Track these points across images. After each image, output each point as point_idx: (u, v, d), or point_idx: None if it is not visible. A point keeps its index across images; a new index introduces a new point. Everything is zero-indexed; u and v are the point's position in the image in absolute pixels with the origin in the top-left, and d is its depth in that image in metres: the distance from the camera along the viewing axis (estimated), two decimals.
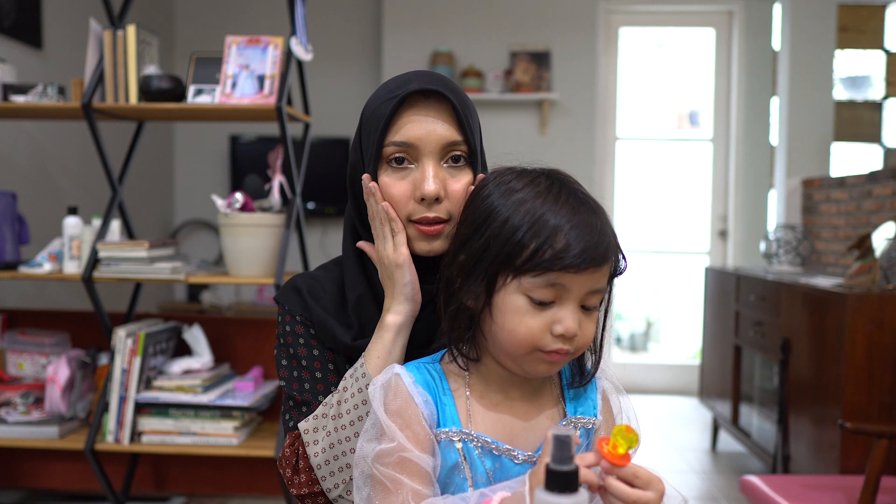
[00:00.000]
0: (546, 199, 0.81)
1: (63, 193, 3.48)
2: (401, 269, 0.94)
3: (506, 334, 0.82)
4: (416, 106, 0.94)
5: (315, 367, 1.01)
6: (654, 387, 4.69)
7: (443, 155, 0.94)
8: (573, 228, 0.79)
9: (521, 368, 0.84)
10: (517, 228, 0.80)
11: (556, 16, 4.50)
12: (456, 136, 0.94)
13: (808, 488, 1.96)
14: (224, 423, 2.27)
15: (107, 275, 2.25)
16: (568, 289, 0.80)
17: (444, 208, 0.94)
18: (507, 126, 4.49)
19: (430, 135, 0.93)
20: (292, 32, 2.33)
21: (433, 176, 0.93)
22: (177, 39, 4.71)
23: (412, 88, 0.93)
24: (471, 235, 0.85)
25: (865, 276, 2.40)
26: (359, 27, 4.70)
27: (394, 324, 0.94)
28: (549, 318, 0.80)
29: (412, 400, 0.84)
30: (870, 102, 4.79)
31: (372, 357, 0.94)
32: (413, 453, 0.81)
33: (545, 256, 0.78)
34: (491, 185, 0.87)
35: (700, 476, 3.25)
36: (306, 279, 1.05)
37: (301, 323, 1.01)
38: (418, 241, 0.96)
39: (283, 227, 2.29)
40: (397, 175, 0.95)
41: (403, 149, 0.94)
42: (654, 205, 4.98)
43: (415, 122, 0.93)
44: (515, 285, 0.81)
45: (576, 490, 0.64)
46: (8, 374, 2.51)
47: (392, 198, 0.95)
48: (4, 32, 3.03)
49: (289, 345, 1.01)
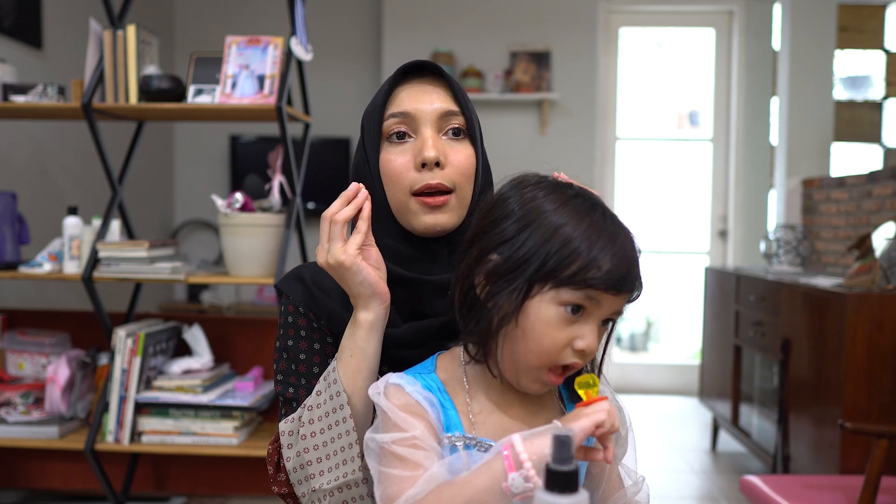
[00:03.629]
0: (592, 217, 0.81)
1: (63, 193, 3.48)
2: (348, 271, 0.89)
3: (530, 342, 0.81)
4: (412, 83, 0.97)
5: (314, 362, 0.98)
6: (654, 387, 4.69)
7: (441, 126, 0.95)
8: (617, 251, 0.80)
9: (518, 381, 0.84)
10: (570, 240, 0.79)
11: (556, 16, 4.50)
12: (453, 106, 0.96)
13: (808, 488, 1.96)
14: (224, 423, 2.27)
15: (107, 275, 2.25)
16: (599, 306, 0.80)
17: (447, 176, 0.93)
18: (507, 126, 4.49)
19: (427, 104, 0.95)
20: (292, 32, 2.33)
21: (432, 141, 0.93)
22: (177, 39, 4.71)
23: (408, 65, 0.97)
24: (514, 235, 0.81)
25: (865, 276, 2.40)
26: (359, 27, 4.70)
27: (366, 321, 0.91)
28: (573, 333, 0.81)
29: (419, 404, 0.83)
30: (870, 102, 4.80)
31: (344, 356, 0.91)
32: (430, 442, 0.81)
33: (593, 274, 0.78)
34: (535, 189, 0.84)
35: (700, 476, 3.25)
36: (312, 269, 1.01)
37: (304, 315, 0.98)
38: (422, 214, 0.94)
39: (283, 227, 2.29)
40: (397, 150, 0.95)
41: (402, 120, 0.95)
42: (654, 205, 4.98)
43: (412, 94, 0.96)
44: (552, 295, 0.80)
45: (576, 490, 0.64)
46: (8, 374, 2.51)
47: (393, 171, 0.94)
48: (4, 32, 3.03)
49: (289, 336, 0.99)
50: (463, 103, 0.96)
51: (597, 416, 0.76)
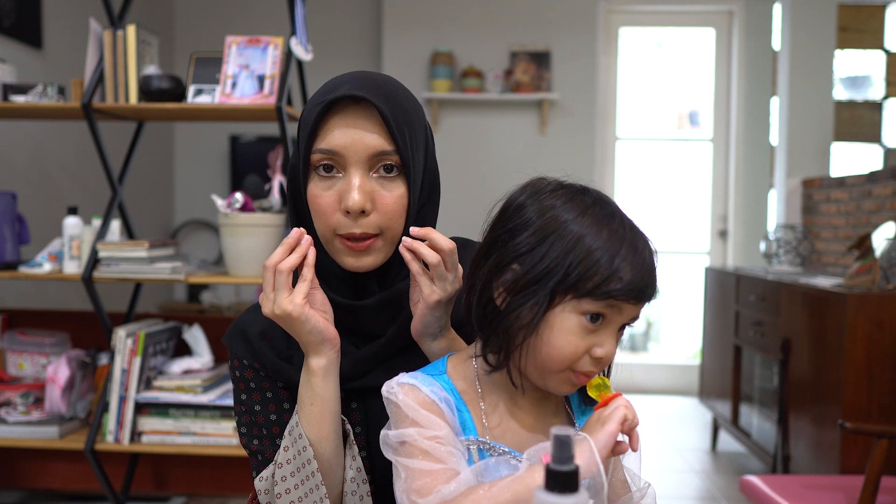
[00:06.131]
0: (612, 226, 0.81)
1: (63, 193, 3.48)
2: (296, 321, 0.88)
3: (552, 351, 0.80)
4: (344, 111, 0.89)
5: (270, 411, 0.97)
6: (654, 387, 4.69)
7: (372, 165, 0.89)
8: (637, 261, 0.80)
9: (546, 384, 0.84)
10: (592, 251, 0.78)
11: (556, 16, 4.50)
12: (386, 145, 0.88)
13: (808, 488, 1.96)
14: (224, 423, 2.27)
15: (107, 275, 2.25)
16: (620, 313, 0.81)
17: (373, 223, 0.89)
18: (507, 126, 4.49)
19: (356, 143, 0.88)
20: (292, 32, 2.33)
21: (358, 187, 0.88)
22: (177, 39, 4.71)
23: (339, 94, 0.88)
24: (535, 246, 0.80)
25: (865, 276, 2.40)
26: (359, 27, 4.70)
27: (319, 367, 0.90)
28: (592, 341, 0.81)
29: (435, 404, 0.83)
30: (870, 102, 4.79)
31: (304, 405, 0.90)
32: (454, 441, 0.81)
33: (614, 285, 0.78)
34: (552, 196, 0.83)
35: (700, 476, 3.25)
36: (253, 317, 0.99)
37: (249, 367, 0.97)
38: (346, 255, 0.91)
39: (283, 227, 2.29)
40: (324, 184, 0.90)
41: (329, 157, 0.89)
42: (654, 205, 4.97)
43: (342, 129, 0.88)
44: (573, 305, 0.79)
45: (576, 490, 0.64)
46: (8, 374, 2.51)
47: (319, 208, 0.90)
48: (4, 32, 3.03)
49: (241, 390, 0.98)
50: (399, 137, 0.88)
51: (618, 414, 0.78)
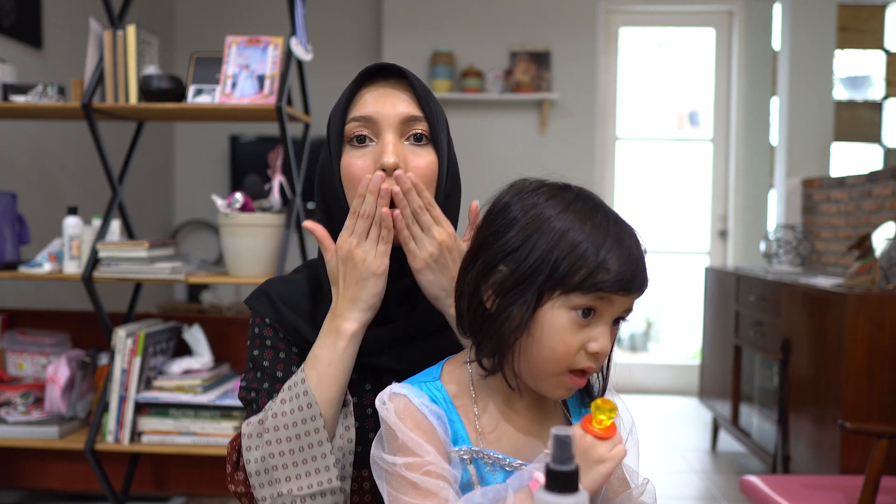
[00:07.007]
0: (595, 219, 0.80)
1: (63, 193, 3.48)
2: (377, 279, 0.91)
3: (544, 350, 0.80)
4: (376, 84, 0.96)
5: (277, 369, 0.99)
6: (654, 387, 4.69)
7: (403, 131, 0.94)
8: (623, 252, 0.79)
9: (540, 388, 0.83)
10: (577, 245, 0.78)
11: (556, 16, 4.50)
12: (416, 111, 0.94)
13: (808, 488, 1.96)
14: (224, 423, 2.27)
15: (107, 275, 2.25)
16: (611, 305, 0.80)
17: None
18: (507, 126, 4.49)
19: (388, 108, 0.93)
20: (292, 32, 2.33)
21: (393, 147, 0.92)
22: (177, 39, 4.71)
23: (372, 67, 0.96)
24: (520, 244, 0.80)
25: (865, 276, 2.40)
26: (359, 27, 4.70)
27: (348, 332, 0.92)
28: (585, 336, 0.80)
29: (426, 420, 0.82)
30: (870, 102, 4.79)
31: (321, 364, 0.91)
32: (443, 467, 0.80)
33: (602, 277, 0.77)
34: (534, 195, 0.83)
35: (700, 476, 3.25)
36: (278, 283, 1.02)
37: (270, 325, 1.00)
38: None
39: (283, 227, 2.29)
40: (358, 153, 0.94)
41: (363, 123, 0.93)
42: (654, 205, 4.98)
43: (375, 97, 0.94)
44: (562, 301, 0.79)
45: (576, 490, 0.64)
46: (8, 374, 2.51)
47: (353, 175, 0.93)
48: (4, 32, 3.03)
49: (255, 346, 1.00)
50: (427, 108, 0.94)
51: (618, 458, 0.77)
